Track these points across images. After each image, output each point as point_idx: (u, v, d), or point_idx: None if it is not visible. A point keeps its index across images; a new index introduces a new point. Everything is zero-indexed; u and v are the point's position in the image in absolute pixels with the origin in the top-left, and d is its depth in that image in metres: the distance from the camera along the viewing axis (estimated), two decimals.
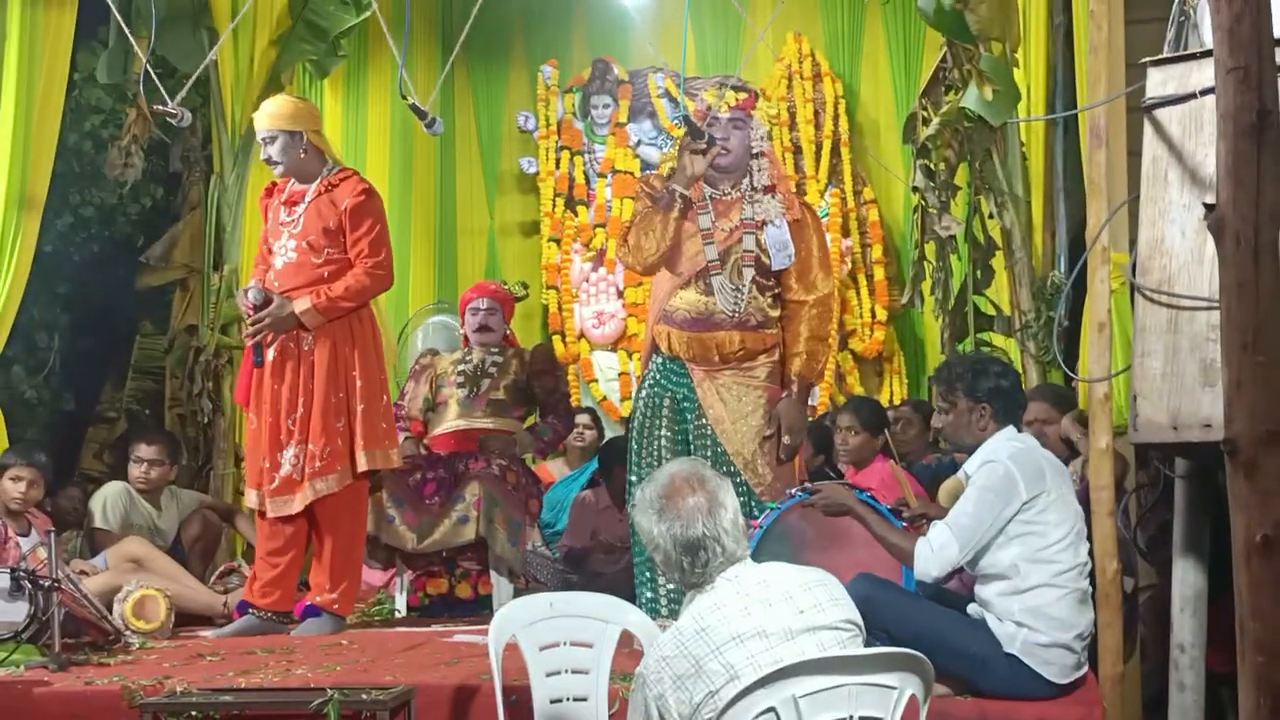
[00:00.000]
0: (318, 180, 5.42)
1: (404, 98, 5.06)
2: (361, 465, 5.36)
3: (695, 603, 3.00)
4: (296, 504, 5.33)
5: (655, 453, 5.09)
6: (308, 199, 5.39)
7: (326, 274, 5.35)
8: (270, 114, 5.42)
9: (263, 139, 5.44)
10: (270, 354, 5.37)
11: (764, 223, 5.08)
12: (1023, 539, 3.93)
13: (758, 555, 4.41)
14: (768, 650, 2.86)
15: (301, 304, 5.28)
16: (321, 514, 5.39)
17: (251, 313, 5.30)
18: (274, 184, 5.63)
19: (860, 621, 3.03)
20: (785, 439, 5.01)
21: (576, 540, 6.53)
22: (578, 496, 6.83)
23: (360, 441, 5.36)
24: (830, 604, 2.98)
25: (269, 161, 5.46)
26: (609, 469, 6.51)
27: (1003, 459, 3.98)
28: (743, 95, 5.20)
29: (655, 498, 3.05)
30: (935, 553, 3.96)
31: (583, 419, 7.49)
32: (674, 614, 4.41)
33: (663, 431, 5.10)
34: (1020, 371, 6.88)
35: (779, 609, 2.93)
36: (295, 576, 5.53)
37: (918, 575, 4.04)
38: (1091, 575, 4.12)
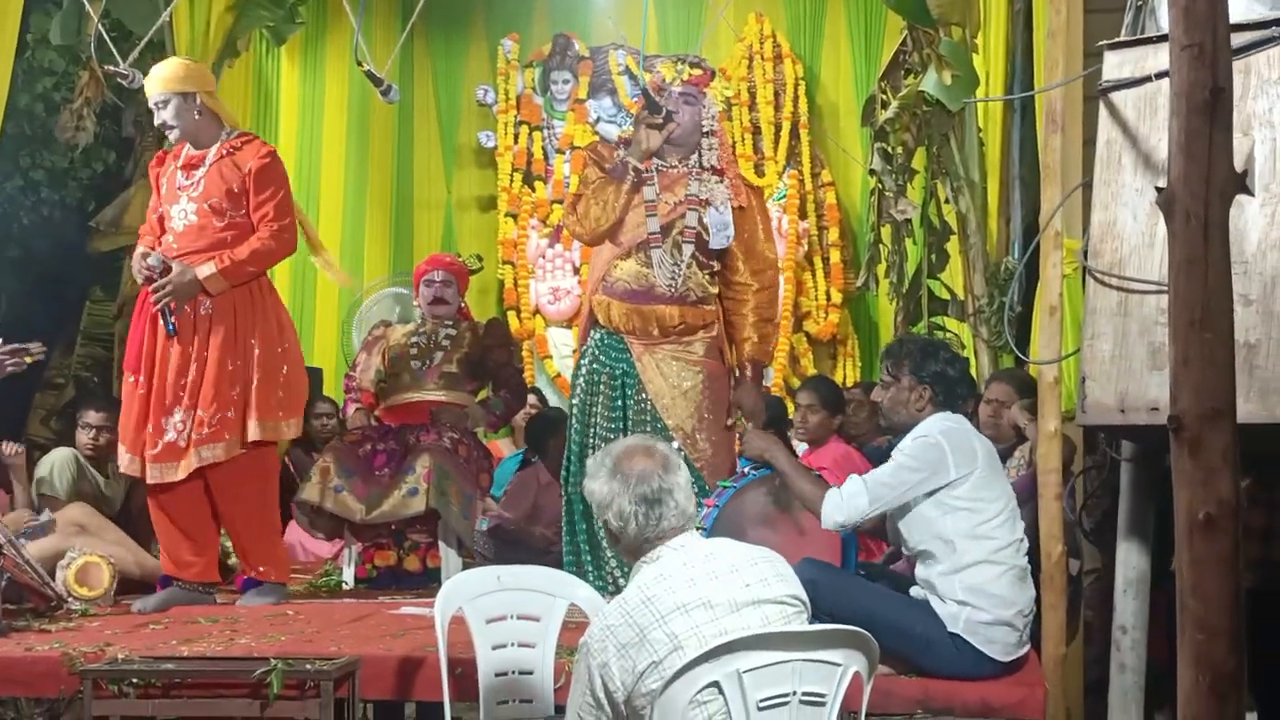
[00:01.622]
0: (217, 143, 5.30)
1: (359, 64, 5.02)
2: (252, 435, 5.22)
3: (641, 573, 3.01)
4: (180, 471, 5.18)
5: (594, 431, 5.09)
6: (209, 161, 5.26)
7: (229, 237, 5.21)
8: (161, 77, 5.25)
9: (155, 104, 5.27)
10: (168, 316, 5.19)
11: (707, 202, 5.09)
12: (959, 514, 3.97)
13: (713, 534, 4.46)
14: (712, 621, 2.87)
15: (205, 269, 5.14)
16: (221, 486, 5.25)
17: (154, 277, 5.13)
18: (165, 152, 5.51)
19: (805, 598, 3.04)
20: (749, 425, 5.01)
21: (514, 510, 6.47)
22: (517, 475, 6.80)
23: (252, 411, 5.22)
24: (776, 579, 3.00)
25: (164, 127, 5.31)
26: (541, 443, 6.50)
27: (935, 433, 4.03)
28: (698, 72, 5.22)
29: (607, 459, 3.08)
30: (844, 500, 4.00)
31: (530, 399, 7.47)
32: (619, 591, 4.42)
33: (599, 409, 5.10)
34: (972, 355, 6.94)
35: (725, 581, 2.94)
36: (213, 548, 5.42)
37: (824, 522, 4.07)
38: (1036, 557, 4.16)
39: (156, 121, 5.34)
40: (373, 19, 8.77)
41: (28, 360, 5.19)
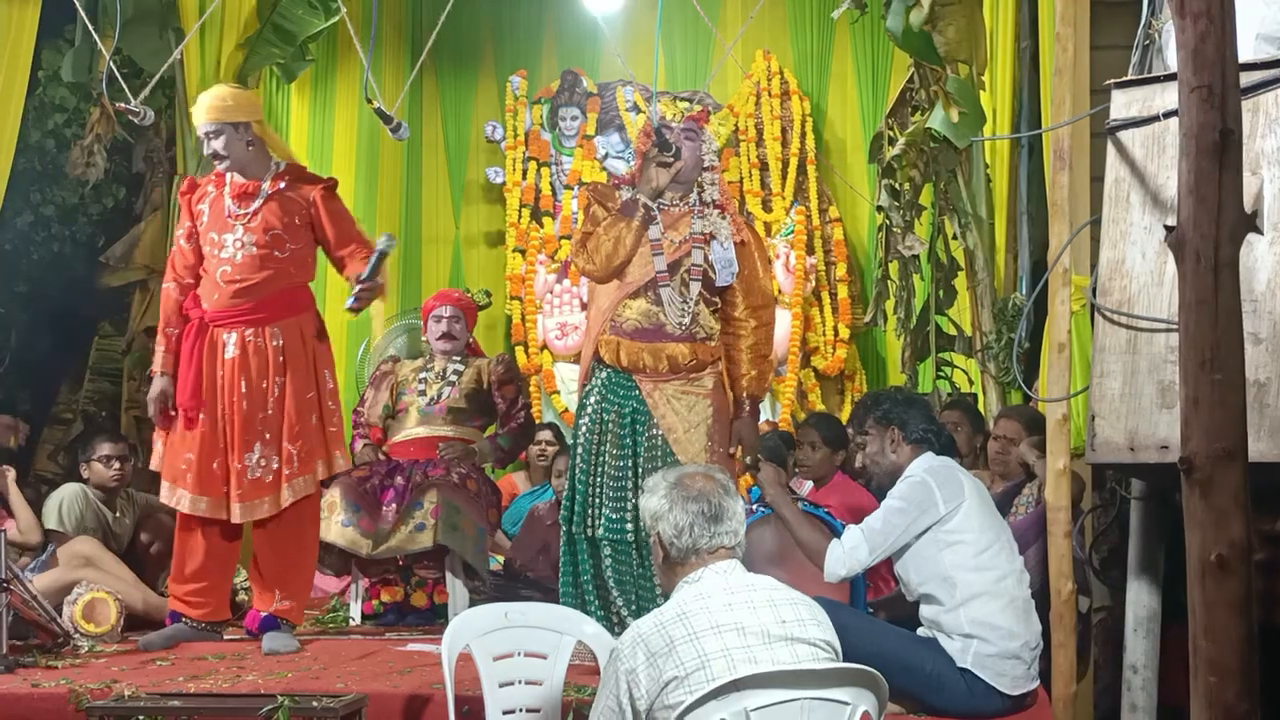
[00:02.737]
0: (269, 173, 5.25)
1: (369, 101, 5.03)
2: (339, 466, 5.29)
3: (680, 591, 3.06)
4: (270, 507, 5.14)
5: (602, 469, 5.05)
6: (265, 192, 5.22)
7: (292, 269, 5.23)
8: (211, 106, 5.17)
9: (206, 133, 5.18)
10: (231, 350, 5.17)
11: (711, 237, 5.10)
12: (953, 548, 4.03)
13: None
14: (744, 648, 2.90)
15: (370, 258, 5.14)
16: (283, 519, 5.20)
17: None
18: (194, 180, 5.47)
19: (839, 647, 3.05)
20: (748, 460, 5.02)
21: (522, 554, 6.43)
22: (533, 507, 6.78)
23: (338, 442, 5.27)
24: (812, 623, 3.03)
25: (214, 156, 5.22)
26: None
27: (919, 472, 4.13)
28: (698, 109, 5.22)
29: (667, 476, 3.18)
30: (846, 553, 4.11)
31: (545, 435, 7.45)
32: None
33: (607, 447, 5.06)
34: (980, 392, 6.92)
35: (761, 612, 2.97)
36: (229, 587, 5.41)
37: (827, 576, 4.18)
38: (1045, 594, 4.15)
39: (206, 151, 5.28)
40: (382, 56, 8.82)
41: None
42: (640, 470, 4.94)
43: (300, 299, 5.33)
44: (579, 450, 5.14)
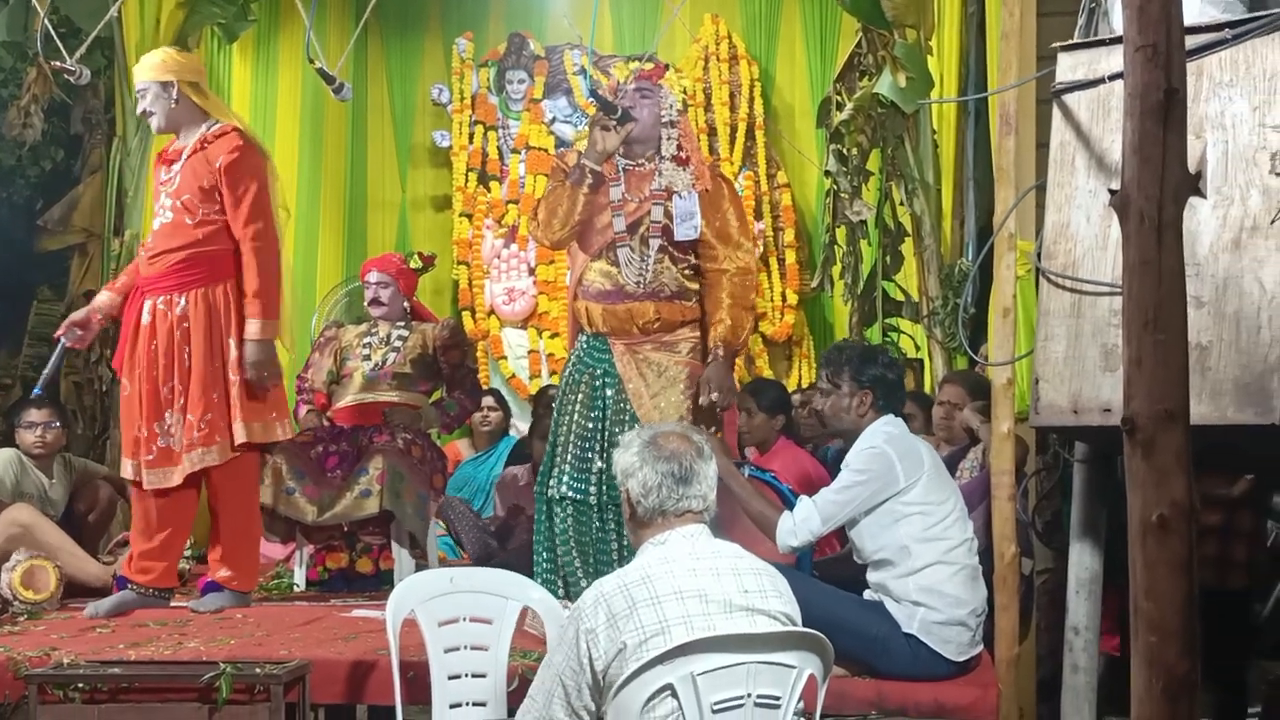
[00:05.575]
0: (196, 136, 5.18)
1: (311, 61, 4.97)
2: (239, 438, 5.13)
3: (645, 553, 3.04)
4: (176, 476, 5.10)
5: (568, 427, 5.03)
6: (184, 156, 5.15)
7: (201, 235, 5.08)
8: (143, 65, 5.21)
9: (138, 92, 5.23)
10: (145, 318, 5.15)
11: (672, 192, 5.05)
12: (909, 519, 4.02)
13: None
14: (704, 615, 2.89)
15: (252, 328, 5.05)
16: (210, 488, 5.19)
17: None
18: (167, 147, 5.40)
19: (799, 620, 3.04)
20: (714, 396, 4.94)
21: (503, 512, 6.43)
22: (506, 472, 6.77)
23: (236, 413, 5.13)
24: (774, 595, 3.02)
25: (144, 114, 5.26)
26: (529, 442, 6.48)
27: (880, 444, 4.09)
28: (649, 66, 5.18)
29: (643, 433, 3.13)
30: (797, 524, 4.10)
31: (487, 401, 7.42)
32: (573, 597, 4.37)
33: (577, 408, 5.05)
34: (926, 357, 6.96)
35: (725, 581, 2.96)
36: (177, 552, 5.33)
37: (780, 547, 4.15)
38: (989, 558, 4.18)
39: (138, 110, 5.30)
40: (326, 16, 8.68)
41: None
42: (606, 434, 4.93)
43: (215, 268, 5.15)
44: (554, 414, 5.13)
